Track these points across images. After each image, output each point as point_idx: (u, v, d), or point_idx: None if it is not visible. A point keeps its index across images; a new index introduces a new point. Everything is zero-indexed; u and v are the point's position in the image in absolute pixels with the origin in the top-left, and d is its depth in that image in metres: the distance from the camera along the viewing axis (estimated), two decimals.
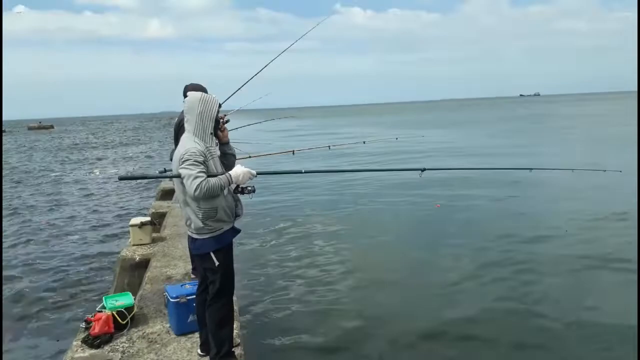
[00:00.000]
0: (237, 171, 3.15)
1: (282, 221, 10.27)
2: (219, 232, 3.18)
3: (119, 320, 3.94)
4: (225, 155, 3.35)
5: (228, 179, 3.10)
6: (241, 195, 3.30)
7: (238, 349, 3.65)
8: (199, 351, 3.58)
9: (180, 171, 3.05)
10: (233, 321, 3.49)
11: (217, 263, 3.17)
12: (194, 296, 3.61)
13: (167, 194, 10.18)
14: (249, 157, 6.85)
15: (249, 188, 3.26)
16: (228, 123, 3.47)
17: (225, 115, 3.56)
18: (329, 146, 10.37)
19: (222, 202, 3.16)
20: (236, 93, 5.34)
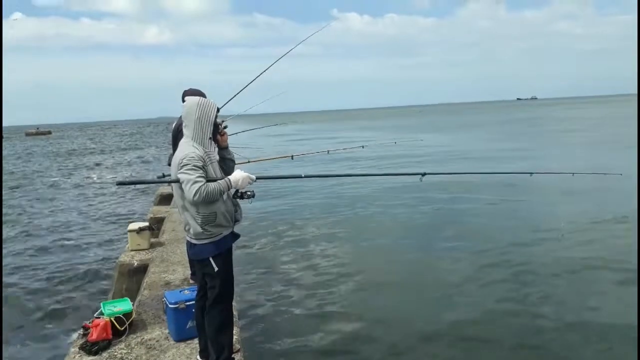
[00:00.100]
0: (237, 176, 3.13)
1: (282, 225, 10.25)
2: (218, 237, 3.15)
3: (117, 326, 3.91)
4: (224, 160, 3.32)
5: (227, 184, 3.08)
6: (240, 200, 3.28)
7: (238, 355, 3.62)
8: (198, 357, 3.54)
9: (179, 176, 3.02)
10: (232, 327, 3.46)
11: (217, 269, 3.14)
12: (193, 302, 3.58)
13: (166, 199, 10.16)
14: (248, 162, 6.84)
15: (249, 193, 3.23)
16: (226, 129, 3.46)
17: (223, 120, 3.54)
18: (328, 151, 10.38)
19: (222, 207, 3.13)
20: (235, 98, 5.33)
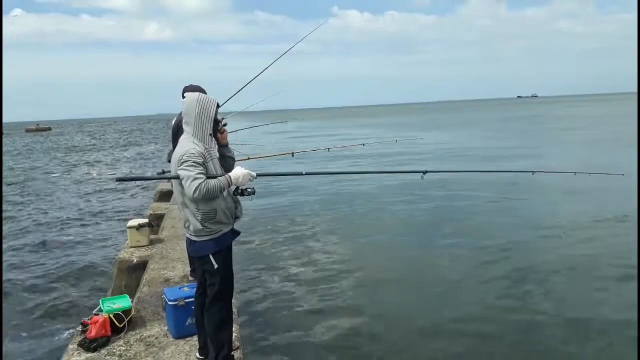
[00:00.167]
0: (237, 173, 3.11)
1: (281, 221, 10.24)
2: (218, 234, 3.13)
3: (116, 323, 3.89)
4: (223, 157, 3.28)
5: (228, 181, 3.06)
6: (241, 197, 3.26)
7: (237, 352, 3.61)
8: (198, 354, 3.53)
9: (179, 172, 3.00)
10: (232, 324, 3.44)
11: (216, 266, 3.12)
12: (192, 299, 3.56)
13: (165, 196, 10.13)
14: (248, 159, 6.82)
15: (249, 190, 3.22)
16: (226, 126, 3.43)
17: (223, 118, 3.51)
18: (328, 148, 10.36)
19: (222, 204, 3.11)
20: (237, 95, 5.32)
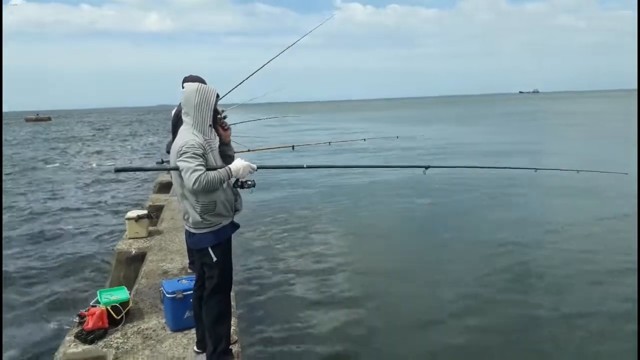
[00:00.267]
0: (237, 165, 3.06)
1: (281, 214, 10.20)
2: (218, 227, 3.09)
3: (114, 315, 3.86)
4: (224, 157, 3.20)
5: (228, 173, 3.01)
6: (241, 189, 3.22)
7: (235, 346, 3.57)
8: (195, 348, 3.50)
9: (178, 164, 2.95)
10: (230, 318, 3.40)
11: (215, 259, 3.08)
12: (191, 292, 3.53)
13: (165, 187, 10.08)
14: (248, 151, 6.77)
15: (249, 182, 3.17)
16: (226, 119, 3.37)
17: (223, 110, 3.45)
18: (329, 142, 10.32)
19: (221, 196, 3.07)
20: (238, 87, 5.26)
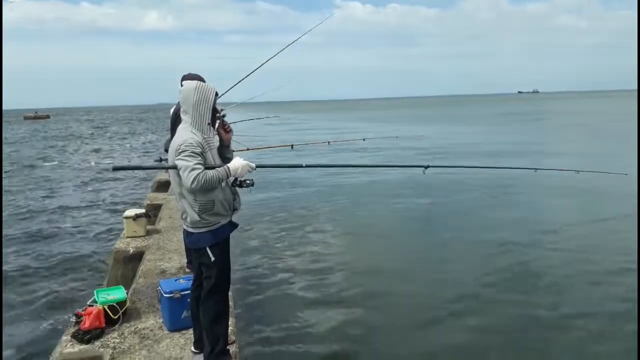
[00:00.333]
0: (236, 164, 3.04)
1: (280, 214, 10.16)
2: (216, 226, 3.06)
3: (111, 314, 3.83)
4: (223, 159, 3.15)
5: (226, 172, 2.99)
6: (239, 188, 3.19)
7: (233, 347, 3.54)
8: (193, 348, 3.47)
9: (176, 162, 2.93)
10: (228, 318, 3.37)
11: (213, 258, 3.06)
12: (188, 291, 3.50)
13: (163, 186, 10.04)
14: (247, 150, 6.73)
15: (248, 181, 3.15)
16: (225, 117, 3.34)
17: (222, 109, 3.42)
18: (329, 142, 10.26)
19: (220, 195, 3.04)
20: (237, 86, 5.23)
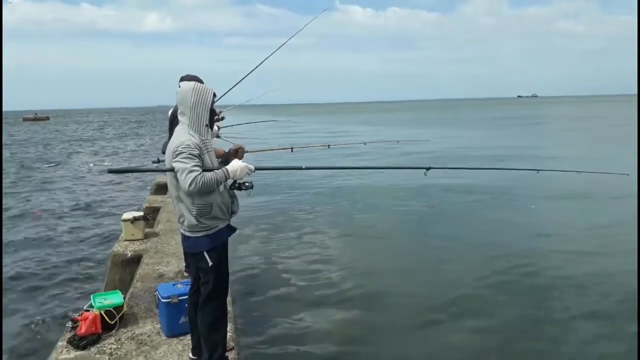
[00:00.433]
0: (235, 166, 2.98)
1: (279, 217, 10.06)
2: (214, 230, 3.00)
3: (107, 320, 3.76)
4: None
5: (225, 174, 2.94)
6: (238, 191, 3.13)
7: (232, 353, 3.48)
8: (191, 355, 3.40)
9: (173, 165, 2.87)
10: (226, 324, 3.31)
11: (211, 263, 2.99)
12: (186, 296, 3.44)
13: (162, 188, 9.98)
14: (246, 152, 6.67)
15: (247, 184, 3.10)
16: (223, 120, 3.29)
17: (221, 112, 3.37)
18: (329, 145, 10.19)
19: (218, 199, 2.98)
20: (234, 88, 5.18)
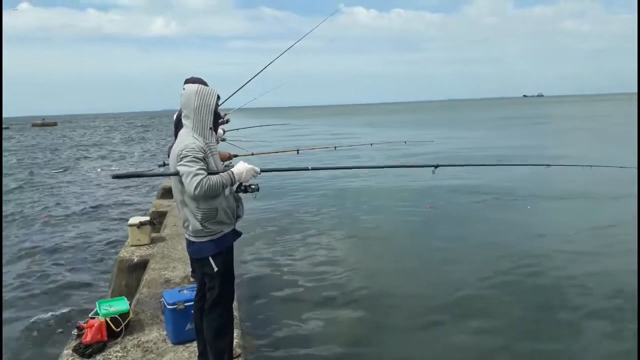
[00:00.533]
0: (240, 168, 2.92)
1: (285, 220, 9.96)
2: (219, 235, 2.93)
3: (113, 327, 3.72)
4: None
5: (230, 177, 2.87)
6: (244, 193, 3.06)
7: None
8: None
9: (178, 168, 2.81)
10: (233, 330, 3.24)
11: (216, 269, 2.92)
12: (192, 303, 3.37)
13: (169, 192, 9.94)
14: (252, 155, 6.63)
15: (253, 186, 3.04)
16: (228, 122, 3.23)
17: (226, 114, 3.31)
18: (335, 147, 10.10)
19: (223, 203, 2.91)
20: (240, 91, 5.11)
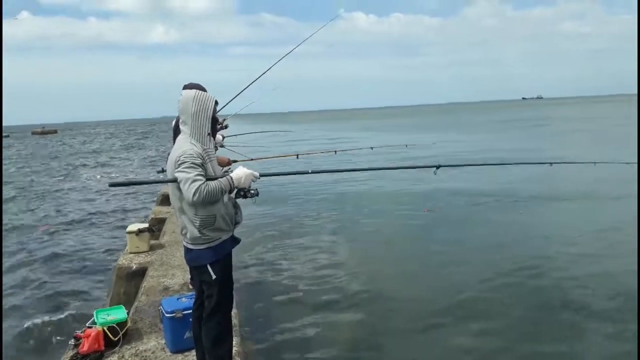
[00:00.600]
0: (239, 173, 2.88)
1: (284, 225, 9.88)
2: (217, 242, 2.88)
3: (111, 336, 3.65)
4: None
5: (229, 182, 2.83)
6: (244, 199, 3.01)
7: None
8: None
9: (176, 175, 2.76)
10: (232, 338, 3.18)
11: (215, 276, 2.86)
12: (191, 311, 3.30)
13: (168, 199, 9.86)
14: (251, 160, 6.56)
15: (252, 191, 2.99)
16: (227, 128, 3.19)
17: (224, 119, 3.27)
18: (335, 151, 10.06)
19: (221, 209, 2.86)
20: (239, 97, 5.08)
